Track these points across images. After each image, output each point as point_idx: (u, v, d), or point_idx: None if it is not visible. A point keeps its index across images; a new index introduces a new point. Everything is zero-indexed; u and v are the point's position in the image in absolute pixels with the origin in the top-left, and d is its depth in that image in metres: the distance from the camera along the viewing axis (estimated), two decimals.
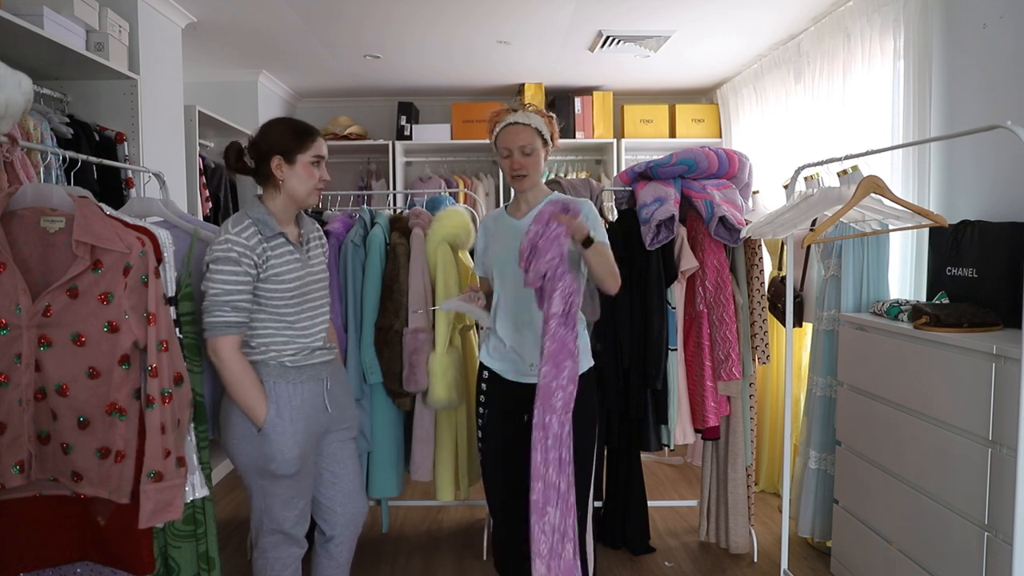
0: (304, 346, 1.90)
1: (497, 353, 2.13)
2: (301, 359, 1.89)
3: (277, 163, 1.85)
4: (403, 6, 3.44)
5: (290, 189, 1.87)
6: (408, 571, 2.86)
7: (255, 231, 1.82)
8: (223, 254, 1.77)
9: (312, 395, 1.91)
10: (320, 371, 1.95)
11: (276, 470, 1.84)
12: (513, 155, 2.08)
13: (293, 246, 1.89)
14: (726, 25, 3.74)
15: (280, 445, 1.83)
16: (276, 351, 1.86)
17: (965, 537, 1.94)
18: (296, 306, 1.88)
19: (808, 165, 2.51)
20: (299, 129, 1.89)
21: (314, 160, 1.88)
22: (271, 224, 1.85)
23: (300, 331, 1.90)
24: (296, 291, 1.88)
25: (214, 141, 4.49)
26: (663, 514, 3.38)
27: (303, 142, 1.87)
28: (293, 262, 1.88)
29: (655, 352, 2.67)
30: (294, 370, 1.88)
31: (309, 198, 1.90)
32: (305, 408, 1.88)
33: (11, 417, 1.61)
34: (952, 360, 2.01)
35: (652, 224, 2.60)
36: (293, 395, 1.86)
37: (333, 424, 2.01)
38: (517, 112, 2.11)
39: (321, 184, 1.90)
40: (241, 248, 1.78)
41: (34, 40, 2.42)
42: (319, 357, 1.94)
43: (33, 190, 1.66)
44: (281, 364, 1.86)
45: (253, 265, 1.80)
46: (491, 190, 5.31)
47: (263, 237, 1.82)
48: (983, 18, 2.46)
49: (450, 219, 2.77)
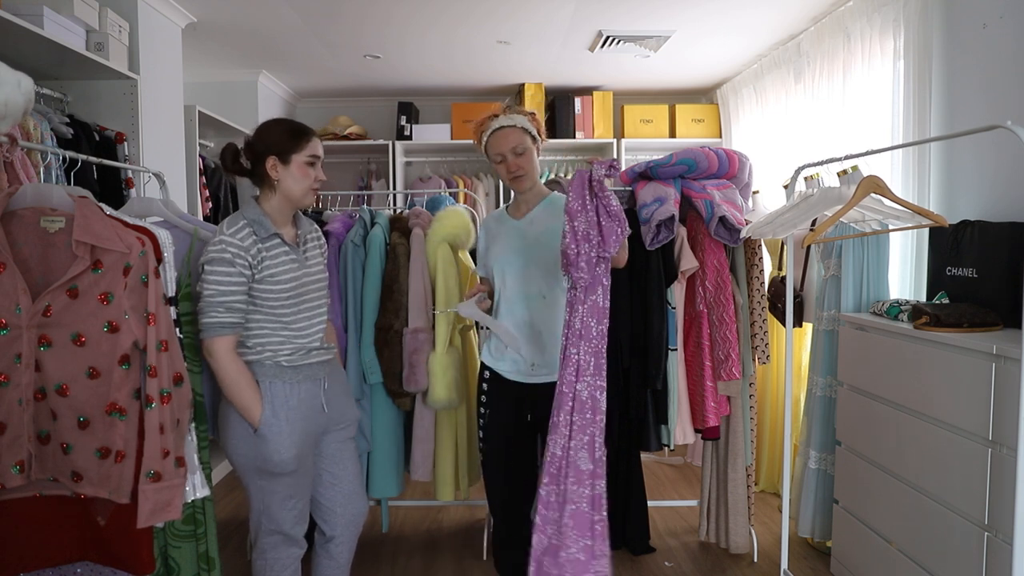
0: (301, 346, 1.90)
1: (499, 353, 2.14)
2: (297, 359, 1.89)
3: (272, 163, 1.85)
4: (403, 6, 3.44)
5: (285, 189, 1.87)
6: (408, 571, 2.86)
7: (250, 232, 1.82)
8: (217, 255, 1.77)
9: (309, 395, 1.91)
10: (317, 371, 1.94)
11: (273, 470, 1.84)
12: (507, 158, 2.08)
13: (289, 247, 1.89)
14: (726, 25, 3.74)
15: (276, 445, 1.83)
16: (272, 351, 1.86)
17: (965, 537, 1.94)
18: (292, 307, 1.88)
19: (808, 165, 2.51)
20: (294, 129, 1.89)
21: (309, 160, 1.88)
22: (266, 225, 1.85)
23: (296, 331, 1.89)
24: (292, 292, 1.87)
25: (214, 141, 4.49)
26: (663, 514, 3.38)
27: (298, 142, 1.87)
28: (289, 263, 1.88)
29: (655, 352, 2.67)
30: (290, 370, 1.88)
31: (305, 198, 1.90)
32: (302, 408, 1.88)
33: (11, 417, 1.61)
34: (952, 360, 2.01)
35: (652, 224, 2.60)
36: (289, 395, 1.86)
37: (332, 424, 2.01)
38: (499, 117, 2.10)
39: (317, 184, 1.90)
40: (235, 249, 1.78)
41: (34, 40, 2.41)
42: (316, 357, 1.94)
43: (33, 190, 1.66)
44: (277, 364, 1.86)
45: (248, 266, 1.80)
46: (491, 190, 5.30)
47: (258, 238, 1.82)
48: (983, 18, 2.46)
49: (450, 219, 2.77)
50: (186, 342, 1.93)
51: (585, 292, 1.82)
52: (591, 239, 1.78)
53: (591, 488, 1.83)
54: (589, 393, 1.83)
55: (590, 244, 1.78)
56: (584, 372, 1.82)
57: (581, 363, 1.83)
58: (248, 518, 1.97)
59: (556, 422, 1.84)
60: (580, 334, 1.82)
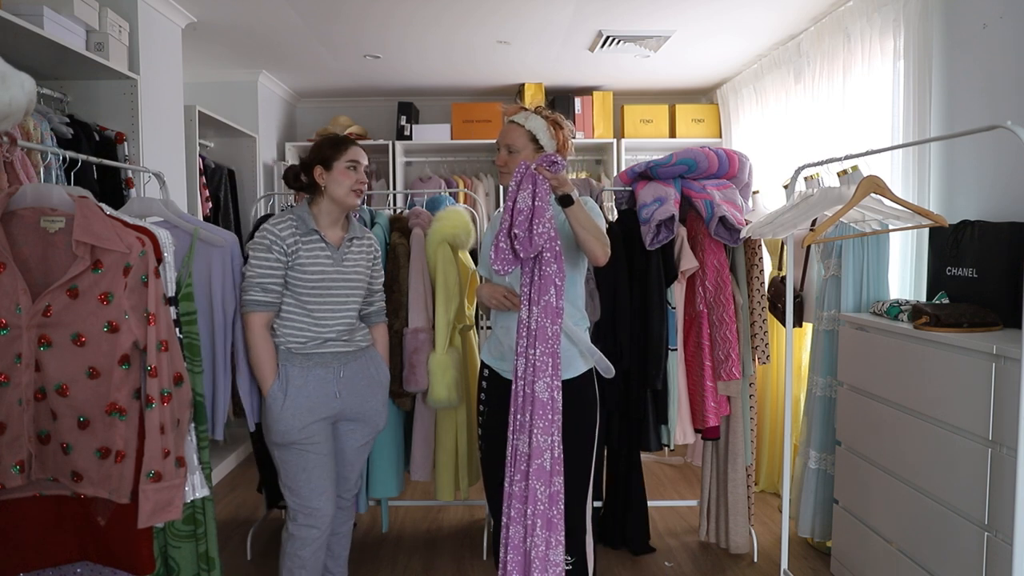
0: (317, 335, 2.10)
1: (497, 352, 2.14)
2: (311, 347, 2.09)
3: (319, 172, 2.11)
4: (403, 6, 3.44)
5: (331, 192, 2.11)
6: (408, 571, 2.86)
7: (290, 224, 2.08)
8: (260, 241, 2.06)
9: (320, 381, 2.10)
10: (330, 360, 2.12)
11: (276, 439, 2.07)
12: (501, 151, 2.10)
13: (327, 244, 2.11)
14: (726, 25, 3.74)
15: (276, 415, 2.05)
16: (287, 337, 2.08)
17: (965, 537, 1.94)
18: (318, 296, 2.09)
19: (808, 165, 2.51)
20: (335, 140, 2.15)
21: (349, 164, 2.11)
22: (308, 221, 2.10)
23: (317, 320, 2.10)
24: (318, 283, 2.08)
25: (214, 141, 4.49)
26: (663, 514, 3.38)
27: (338, 149, 2.12)
28: (323, 259, 2.10)
29: (655, 352, 2.67)
30: (301, 356, 2.08)
31: (347, 198, 2.11)
32: (308, 389, 2.08)
33: (11, 417, 1.61)
34: (952, 360, 2.01)
35: (652, 224, 2.60)
36: (298, 377, 2.07)
37: (345, 412, 2.17)
38: (520, 112, 2.12)
39: (358, 186, 2.12)
40: (273, 237, 2.05)
41: (34, 40, 2.41)
42: (331, 348, 2.12)
43: (33, 190, 1.66)
44: (288, 350, 2.08)
45: (283, 253, 2.05)
46: (491, 190, 5.30)
47: (297, 231, 2.08)
48: (983, 18, 2.46)
49: (450, 219, 2.77)
50: (186, 342, 1.92)
51: (538, 292, 1.87)
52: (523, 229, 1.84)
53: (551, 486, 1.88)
54: (549, 394, 1.87)
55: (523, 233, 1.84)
56: (542, 372, 1.86)
57: (539, 364, 1.87)
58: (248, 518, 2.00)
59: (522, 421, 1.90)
60: (535, 335, 1.87)
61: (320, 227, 2.12)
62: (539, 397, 1.86)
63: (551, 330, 1.86)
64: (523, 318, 1.90)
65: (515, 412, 1.92)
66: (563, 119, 2.14)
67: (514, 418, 1.92)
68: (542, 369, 1.86)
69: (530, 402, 1.88)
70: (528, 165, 1.88)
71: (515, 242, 1.84)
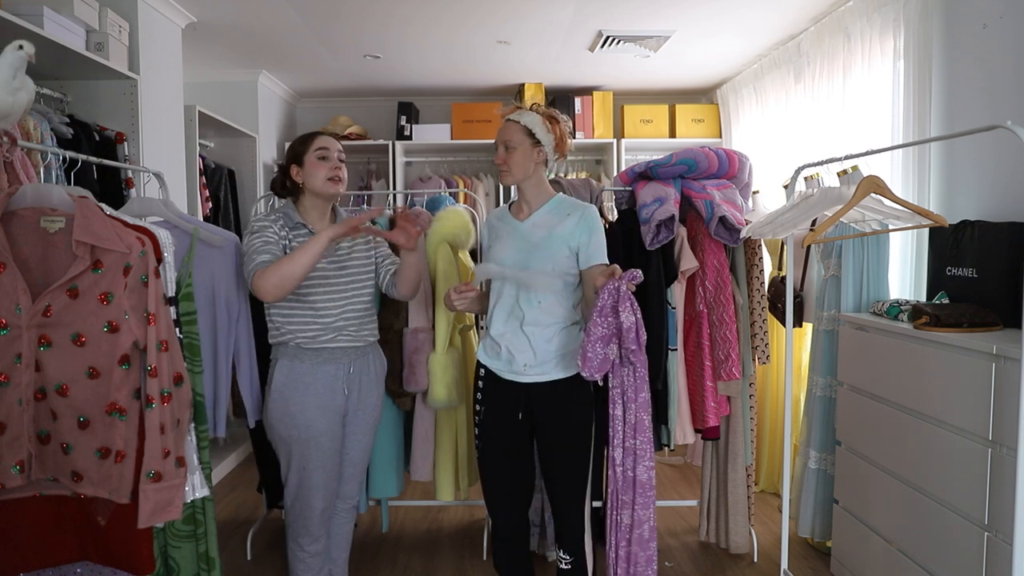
0: (325, 326, 2.08)
1: (493, 352, 2.14)
2: (320, 341, 2.08)
3: (295, 171, 2.13)
4: (403, 6, 3.44)
5: (309, 186, 2.12)
6: (408, 571, 2.86)
7: (277, 218, 2.10)
8: (252, 228, 2.07)
9: (328, 377, 2.10)
10: (339, 355, 2.11)
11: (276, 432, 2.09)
12: (499, 149, 2.11)
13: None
14: (726, 25, 3.74)
15: (276, 408, 2.08)
16: (292, 333, 2.07)
17: (965, 537, 1.94)
18: (316, 289, 2.08)
19: (808, 165, 2.51)
20: (302, 136, 2.16)
21: (319, 154, 2.10)
22: (292, 216, 2.12)
23: (320, 312, 2.08)
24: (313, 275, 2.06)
25: (214, 141, 4.49)
26: (663, 514, 3.38)
27: (306, 143, 2.13)
28: None
29: (655, 352, 2.67)
30: (310, 352, 2.08)
31: (325, 187, 2.11)
32: (316, 385, 2.08)
33: (11, 417, 1.61)
34: (952, 360, 2.01)
35: (652, 224, 2.60)
36: (307, 374, 2.08)
37: (350, 407, 2.18)
38: (516, 110, 2.14)
39: (333, 173, 2.10)
40: (264, 223, 2.07)
41: (34, 40, 2.39)
42: (341, 342, 2.11)
43: (33, 190, 1.66)
44: (298, 346, 2.08)
45: (275, 232, 2.05)
46: (491, 190, 5.30)
47: (285, 225, 2.09)
48: (983, 18, 2.46)
49: (450, 219, 2.77)
50: (186, 342, 1.92)
51: (635, 391, 2.05)
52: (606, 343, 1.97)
53: (647, 550, 2.16)
54: (647, 475, 2.10)
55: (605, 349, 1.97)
56: (642, 457, 2.09)
57: (638, 451, 2.08)
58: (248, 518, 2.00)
59: (624, 500, 2.12)
60: (635, 428, 2.07)
61: (308, 222, 2.13)
62: (639, 478, 2.09)
63: (647, 421, 2.08)
64: (617, 414, 2.07)
65: (616, 491, 2.11)
66: (559, 114, 2.16)
67: (616, 496, 2.12)
68: (641, 455, 2.09)
69: (631, 484, 2.10)
70: (619, 287, 1.92)
71: (631, 355, 2.00)
